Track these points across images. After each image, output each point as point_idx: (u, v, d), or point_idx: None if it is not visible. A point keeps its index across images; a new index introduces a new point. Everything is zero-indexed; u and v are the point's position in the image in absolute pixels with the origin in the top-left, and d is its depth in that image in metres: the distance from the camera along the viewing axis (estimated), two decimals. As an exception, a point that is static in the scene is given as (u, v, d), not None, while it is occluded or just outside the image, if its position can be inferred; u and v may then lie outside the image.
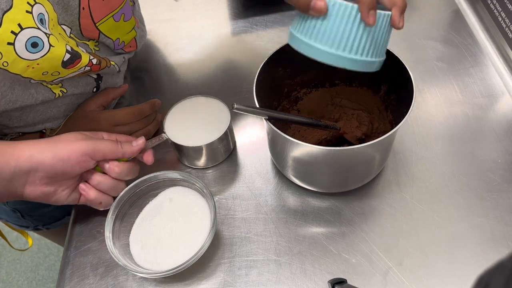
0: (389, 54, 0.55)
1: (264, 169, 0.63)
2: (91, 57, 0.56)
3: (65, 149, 0.48)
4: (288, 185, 0.61)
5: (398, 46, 0.76)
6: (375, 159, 0.55)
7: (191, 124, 0.61)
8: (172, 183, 0.57)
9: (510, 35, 0.69)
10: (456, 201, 0.57)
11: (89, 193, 0.52)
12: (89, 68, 0.56)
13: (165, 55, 0.81)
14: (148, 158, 0.56)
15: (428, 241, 0.54)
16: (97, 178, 0.52)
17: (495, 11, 0.73)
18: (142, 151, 0.56)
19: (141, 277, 0.54)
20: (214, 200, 0.53)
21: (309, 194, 0.59)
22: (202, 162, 0.63)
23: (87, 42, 0.58)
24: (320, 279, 0.52)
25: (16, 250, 1.54)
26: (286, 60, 0.58)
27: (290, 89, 0.64)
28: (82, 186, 0.52)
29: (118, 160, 0.53)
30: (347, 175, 0.57)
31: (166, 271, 0.49)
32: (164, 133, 0.60)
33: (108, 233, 0.52)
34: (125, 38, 0.65)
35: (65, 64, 0.52)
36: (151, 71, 0.79)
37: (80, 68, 0.54)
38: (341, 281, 0.49)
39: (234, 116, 0.69)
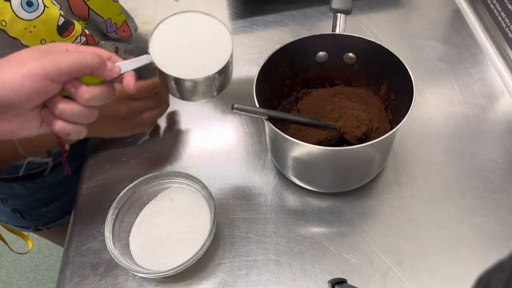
0: (389, 54, 0.55)
1: (264, 169, 0.63)
2: (83, 28, 0.56)
3: (16, 75, 0.37)
4: (288, 185, 0.61)
5: (398, 46, 0.76)
6: (375, 159, 0.55)
7: (183, 48, 0.48)
8: (172, 183, 0.57)
9: (510, 35, 0.69)
10: (456, 201, 0.57)
11: (53, 123, 0.41)
12: (84, 39, 0.55)
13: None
14: (129, 83, 0.44)
15: (428, 241, 0.54)
16: (60, 106, 0.40)
17: (495, 11, 0.73)
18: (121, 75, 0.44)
19: (141, 277, 0.54)
20: (214, 200, 0.53)
21: (309, 194, 0.59)
22: (187, 95, 0.50)
23: (77, 23, 0.58)
24: (320, 279, 0.52)
25: (16, 250, 1.54)
26: (286, 60, 0.58)
27: (290, 89, 0.64)
28: (43, 114, 0.41)
29: (87, 81, 0.41)
30: (347, 175, 0.57)
31: (166, 271, 0.49)
32: (148, 53, 0.46)
33: (108, 233, 0.52)
34: (117, 20, 0.63)
35: (61, 30, 0.52)
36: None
37: (76, 38, 0.54)
38: (341, 281, 0.49)
39: (234, 116, 0.69)
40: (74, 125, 0.42)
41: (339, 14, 0.59)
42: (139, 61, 0.45)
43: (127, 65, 0.44)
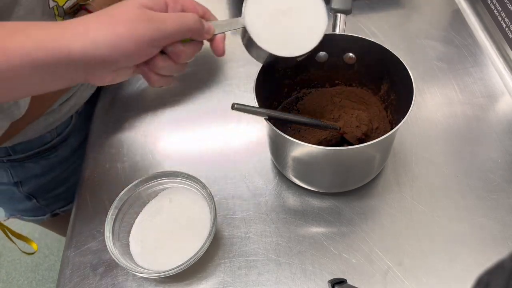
0: (389, 54, 0.55)
1: (264, 169, 0.63)
2: None
3: (123, 37, 0.38)
4: (288, 185, 0.61)
5: (398, 46, 0.76)
6: (375, 159, 0.55)
7: (278, 18, 0.45)
8: (172, 183, 0.57)
9: (510, 35, 0.69)
10: (456, 201, 0.57)
11: (151, 77, 0.44)
12: None
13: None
14: (219, 47, 0.45)
15: (428, 241, 0.54)
16: (160, 64, 0.43)
17: (495, 11, 0.73)
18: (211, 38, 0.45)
19: (141, 277, 0.54)
20: (214, 200, 0.53)
21: (309, 194, 0.59)
22: (269, 61, 0.49)
23: None
24: (320, 279, 0.52)
25: (16, 250, 1.54)
26: (286, 60, 0.58)
27: (290, 89, 0.64)
28: (141, 68, 0.43)
29: (182, 41, 0.42)
30: (347, 175, 0.57)
31: (166, 271, 0.49)
32: (243, 19, 0.43)
33: (108, 233, 0.52)
34: None
35: None
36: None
37: None
38: (341, 281, 0.49)
39: (233, 117, 0.69)
40: (168, 77, 0.45)
41: (339, 14, 0.59)
42: (232, 25, 0.44)
43: (220, 27, 0.44)
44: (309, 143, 0.50)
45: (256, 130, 0.68)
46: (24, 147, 0.69)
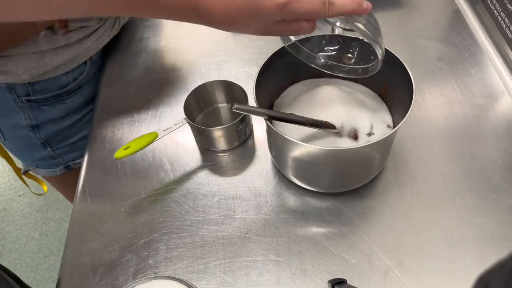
0: (389, 54, 0.55)
1: (264, 169, 0.63)
2: None
3: None
4: (288, 185, 0.61)
5: (398, 46, 0.76)
6: (375, 159, 0.55)
7: None
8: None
9: (510, 36, 0.69)
10: (456, 201, 0.57)
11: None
12: None
13: (165, 55, 0.81)
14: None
15: (428, 241, 0.54)
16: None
17: (495, 11, 0.73)
18: None
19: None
20: None
21: (309, 194, 0.59)
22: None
23: None
24: (320, 279, 0.52)
25: (16, 250, 1.54)
26: (286, 60, 0.58)
27: (290, 89, 0.64)
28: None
29: None
30: (347, 175, 0.57)
31: None
32: None
33: None
34: None
35: None
36: (150, 71, 0.79)
37: None
38: (341, 281, 0.49)
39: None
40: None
41: (339, 14, 0.59)
42: None
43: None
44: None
45: (256, 130, 0.68)
46: (43, 87, 0.72)
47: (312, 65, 0.56)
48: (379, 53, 0.46)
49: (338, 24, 0.75)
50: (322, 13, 0.41)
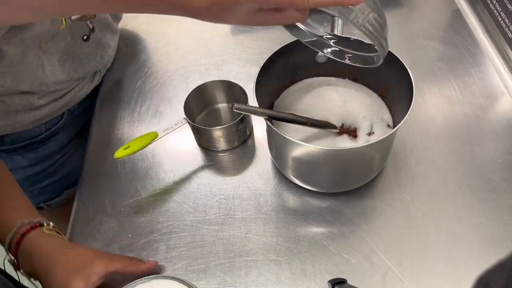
0: (389, 54, 0.55)
1: (264, 169, 0.63)
2: None
3: None
4: (288, 185, 0.61)
5: (398, 46, 0.76)
6: (375, 159, 0.55)
7: None
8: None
9: (510, 35, 0.69)
10: (456, 201, 0.57)
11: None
12: None
13: (164, 54, 0.81)
14: None
15: (428, 241, 0.54)
16: None
17: (495, 11, 0.73)
18: None
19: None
20: None
21: (309, 194, 0.59)
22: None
23: None
24: (320, 279, 0.52)
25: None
26: (286, 60, 0.58)
27: (290, 89, 0.64)
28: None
29: None
30: (347, 175, 0.57)
31: None
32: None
33: None
34: None
35: None
36: (150, 70, 0.79)
37: None
38: (341, 281, 0.49)
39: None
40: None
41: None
42: None
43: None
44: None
45: (256, 130, 0.68)
46: (12, 139, 0.69)
47: (315, 49, 0.52)
48: (380, 53, 0.46)
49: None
50: (299, 2, 0.39)
